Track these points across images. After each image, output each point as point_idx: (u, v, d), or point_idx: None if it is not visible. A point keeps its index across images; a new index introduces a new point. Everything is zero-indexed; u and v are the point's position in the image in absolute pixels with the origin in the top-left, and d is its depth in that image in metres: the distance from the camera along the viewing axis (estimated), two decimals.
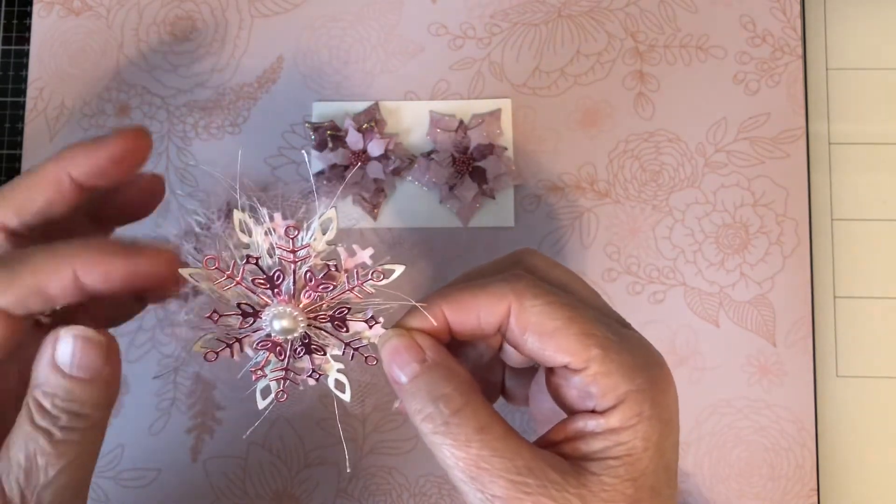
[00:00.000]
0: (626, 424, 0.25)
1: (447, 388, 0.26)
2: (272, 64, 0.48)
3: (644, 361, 0.26)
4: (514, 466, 0.25)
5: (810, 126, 0.47)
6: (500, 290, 0.27)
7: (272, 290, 0.26)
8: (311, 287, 0.26)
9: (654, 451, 0.25)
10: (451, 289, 0.28)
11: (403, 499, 0.44)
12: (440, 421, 0.25)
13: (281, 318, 0.26)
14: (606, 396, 0.25)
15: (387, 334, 0.27)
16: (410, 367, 0.26)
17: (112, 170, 0.29)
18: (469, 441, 0.25)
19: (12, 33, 0.48)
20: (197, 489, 0.44)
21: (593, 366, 0.25)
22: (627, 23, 0.47)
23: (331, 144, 0.46)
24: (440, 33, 0.48)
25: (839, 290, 0.46)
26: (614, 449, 0.25)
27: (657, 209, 0.46)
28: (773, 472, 0.44)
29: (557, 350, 0.26)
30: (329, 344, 0.27)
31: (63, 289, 0.26)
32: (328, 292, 0.26)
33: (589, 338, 0.26)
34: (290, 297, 0.26)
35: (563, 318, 0.26)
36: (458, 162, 0.46)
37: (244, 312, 0.26)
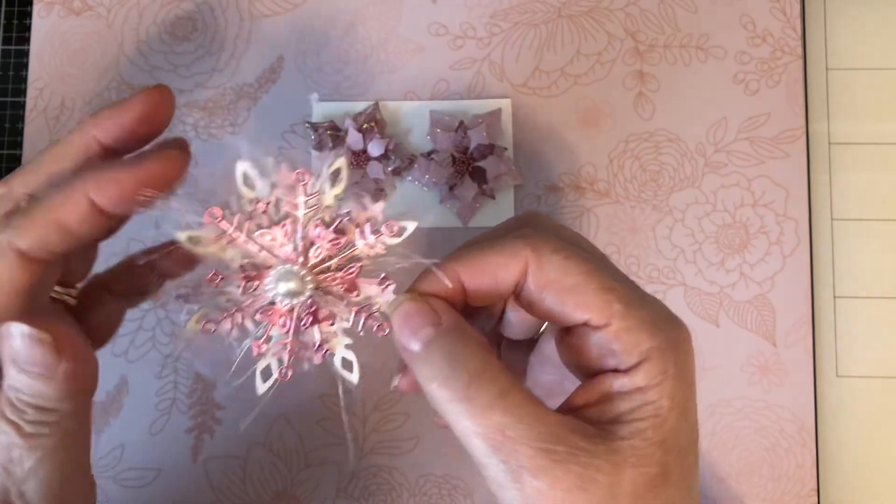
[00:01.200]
0: (651, 382, 0.24)
1: (465, 352, 0.24)
2: (272, 64, 0.48)
3: (664, 318, 0.25)
4: (539, 433, 0.23)
5: (810, 126, 0.47)
6: (517, 247, 0.25)
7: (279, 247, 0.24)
8: (319, 240, 0.24)
9: (679, 410, 0.24)
10: (465, 250, 0.26)
11: (403, 499, 0.44)
12: (458, 386, 0.24)
13: (287, 278, 0.24)
14: (630, 353, 0.24)
15: (398, 299, 0.25)
16: (424, 331, 0.25)
17: (139, 130, 0.28)
18: (490, 406, 0.23)
19: (12, 33, 0.48)
20: (197, 489, 0.44)
21: (615, 321, 0.24)
22: (627, 23, 0.47)
23: (331, 144, 0.46)
24: (440, 33, 0.48)
25: (839, 290, 0.46)
26: (641, 409, 0.24)
27: (657, 209, 0.46)
28: (773, 472, 0.44)
29: (577, 306, 0.25)
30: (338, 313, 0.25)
31: (81, 217, 0.25)
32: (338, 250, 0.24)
33: (609, 292, 0.24)
34: (297, 255, 0.24)
35: (582, 273, 0.25)
36: (458, 162, 0.46)
37: (247, 275, 0.24)
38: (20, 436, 0.25)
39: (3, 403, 0.25)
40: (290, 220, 0.24)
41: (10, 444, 0.25)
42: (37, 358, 0.25)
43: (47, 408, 0.25)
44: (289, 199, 0.24)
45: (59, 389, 0.25)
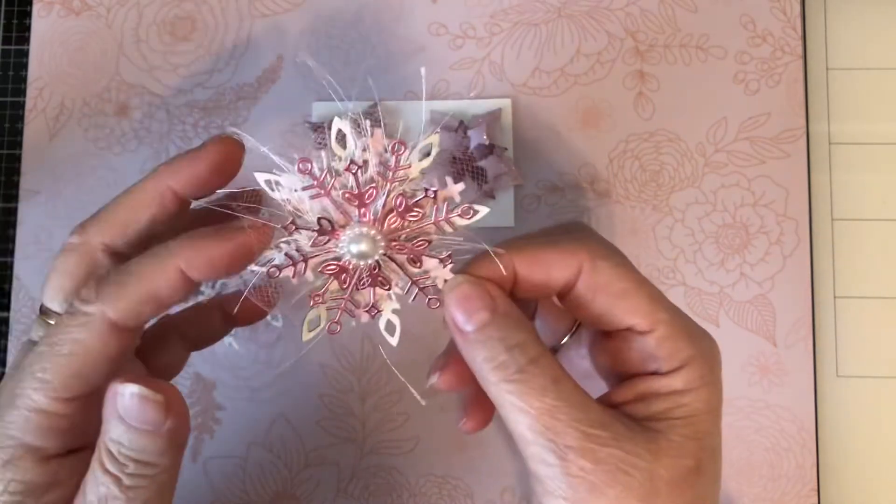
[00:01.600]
0: (689, 387, 0.26)
1: (522, 337, 0.26)
2: (272, 64, 0.48)
3: (700, 331, 0.27)
4: (587, 418, 0.25)
5: (810, 126, 0.47)
6: (574, 248, 0.27)
7: (359, 210, 0.25)
8: (399, 212, 0.25)
9: (713, 414, 0.26)
10: (521, 241, 0.27)
11: (403, 499, 0.44)
12: (514, 369, 0.25)
13: (360, 240, 0.25)
14: (672, 358, 0.26)
15: (455, 279, 0.26)
16: (480, 314, 0.26)
17: (211, 179, 0.29)
18: (545, 391, 0.25)
19: (12, 33, 0.48)
20: (197, 489, 0.44)
21: (661, 328, 0.26)
22: (627, 23, 0.47)
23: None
24: (440, 33, 0.48)
25: (839, 290, 0.46)
26: (677, 410, 0.25)
27: (657, 209, 0.46)
28: (773, 472, 0.44)
29: (626, 311, 0.26)
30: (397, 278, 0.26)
31: (172, 288, 0.26)
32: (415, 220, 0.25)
33: (657, 301, 0.26)
34: (374, 220, 0.25)
35: (634, 281, 0.26)
36: (458, 162, 0.46)
37: (322, 229, 0.25)
38: (119, 488, 0.25)
39: (104, 455, 0.25)
40: (376, 185, 0.25)
41: (108, 495, 0.25)
42: (148, 416, 0.25)
43: (149, 462, 0.26)
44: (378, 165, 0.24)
45: (162, 445, 0.26)
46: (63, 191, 0.47)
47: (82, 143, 0.47)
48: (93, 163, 0.47)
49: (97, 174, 0.47)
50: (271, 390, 0.45)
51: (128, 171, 0.47)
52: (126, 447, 0.25)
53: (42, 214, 0.46)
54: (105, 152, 0.47)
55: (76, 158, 0.47)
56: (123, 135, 0.47)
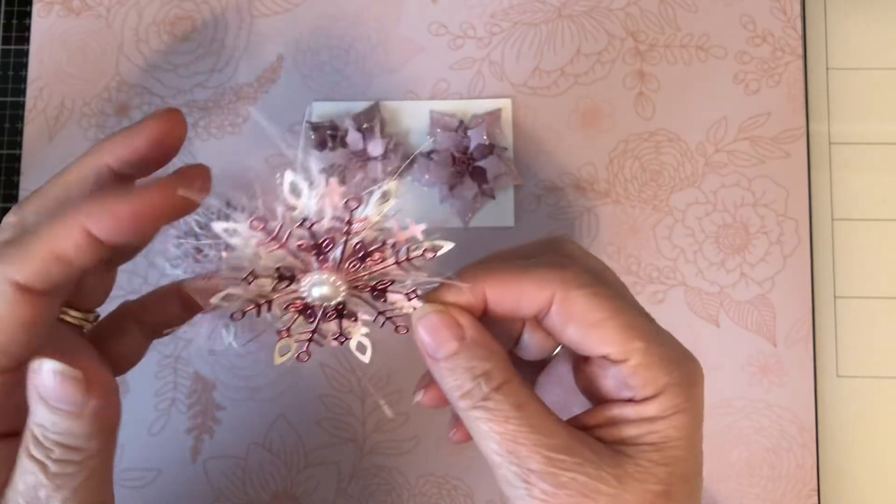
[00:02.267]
0: (662, 414, 0.26)
1: (487, 366, 0.26)
2: (272, 64, 0.48)
3: (680, 356, 0.27)
4: (551, 443, 0.25)
5: (810, 126, 0.47)
6: (546, 277, 0.26)
7: (317, 258, 0.25)
8: (358, 259, 0.25)
9: (686, 441, 0.26)
10: (494, 267, 0.27)
11: (403, 499, 0.44)
12: (479, 397, 0.25)
13: (321, 285, 0.25)
14: (646, 387, 0.26)
15: (423, 308, 0.26)
16: (449, 344, 0.26)
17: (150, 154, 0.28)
18: (508, 417, 0.25)
19: (12, 33, 0.48)
20: (197, 489, 0.44)
21: (635, 357, 0.26)
22: (627, 23, 0.47)
23: (331, 144, 0.46)
24: (440, 33, 0.48)
25: (839, 290, 0.46)
26: (648, 436, 0.26)
27: (657, 209, 0.46)
28: (773, 472, 0.44)
29: (600, 341, 0.26)
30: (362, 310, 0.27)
31: (78, 247, 0.24)
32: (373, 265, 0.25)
33: (631, 331, 0.26)
34: (334, 267, 0.25)
35: (607, 310, 0.26)
36: (458, 162, 0.46)
37: (281, 276, 0.25)
38: (46, 475, 0.24)
39: (29, 442, 0.25)
40: (331, 236, 0.25)
41: (36, 483, 0.24)
42: (66, 395, 0.24)
43: (74, 446, 0.25)
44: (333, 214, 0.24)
45: (87, 427, 0.25)
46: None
47: (82, 143, 0.47)
48: None
49: None
50: (271, 390, 0.45)
51: None
52: (50, 430, 0.24)
53: None
54: None
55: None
56: None
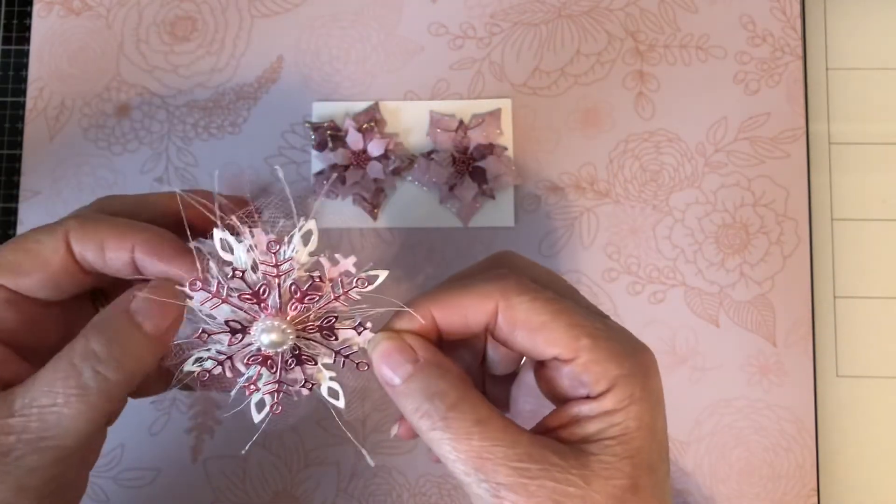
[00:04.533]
0: (618, 406, 0.26)
1: (442, 385, 0.26)
2: (272, 64, 0.48)
3: (630, 348, 0.27)
4: (514, 454, 0.25)
5: (810, 126, 0.47)
6: (487, 289, 0.27)
7: (259, 305, 0.26)
8: (296, 300, 0.26)
9: (646, 430, 0.26)
10: (438, 290, 0.28)
11: (403, 499, 0.44)
12: (438, 417, 0.26)
13: (269, 331, 0.26)
14: (599, 382, 0.26)
15: (376, 338, 0.27)
16: (403, 368, 0.27)
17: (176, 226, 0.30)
18: (469, 434, 0.25)
19: (12, 33, 0.48)
20: (197, 489, 0.44)
21: (583, 354, 0.26)
22: (627, 23, 0.47)
23: (331, 144, 0.46)
24: (440, 33, 0.48)
25: (839, 290, 0.46)
26: (609, 430, 0.26)
27: (657, 209, 0.46)
28: (773, 472, 0.44)
29: (547, 343, 0.27)
30: (319, 353, 0.28)
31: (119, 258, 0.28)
32: (314, 303, 0.26)
33: (577, 328, 0.26)
34: (276, 311, 0.26)
35: (550, 313, 0.27)
36: (458, 162, 0.46)
37: (232, 329, 0.26)
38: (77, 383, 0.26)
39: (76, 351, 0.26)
40: (266, 282, 0.26)
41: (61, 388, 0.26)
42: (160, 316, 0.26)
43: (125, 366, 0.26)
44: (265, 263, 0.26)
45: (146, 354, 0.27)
46: (63, 191, 0.47)
47: (82, 143, 0.47)
48: (93, 163, 0.47)
49: (97, 174, 0.47)
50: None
51: (128, 171, 0.47)
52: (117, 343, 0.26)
53: (42, 214, 0.46)
54: (105, 152, 0.47)
55: (76, 158, 0.47)
56: (123, 135, 0.47)
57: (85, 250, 0.28)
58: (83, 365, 0.26)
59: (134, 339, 0.26)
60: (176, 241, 0.28)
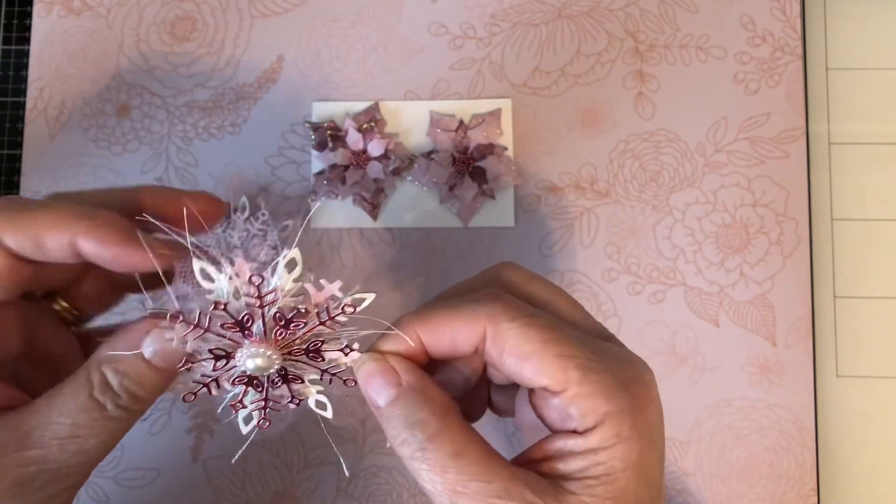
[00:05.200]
0: (604, 445, 0.25)
1: (422, 414, 0.26)
2: (272, 64, 0.48)
3: (624, 379, 0.26)
4: (491, 489, 0.24)
5: (810, 126, 0.47)
6: (475, 313, 0.26)
7: (243, 333, 0.26)
8: (281, 327, 0.26)
9: (633, 470, 0.25)
10: (426, 310, 0.27)
11: (403, 499, 0.44)
12: (416, 447, 0.25)
13: (255, 357, 0.26)
14: (586, 418, 0.25)
15: (361, 358, 0.27)
16: (386, 391, 0.26)
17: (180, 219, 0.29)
18: (445, 467, 0.25)
19: (12, 33, 0.48)
20: (197, 489, 0.44)
21: (572, 388, 0.25)
22: (627, 23, 0.47)
23: (331, 144, 0.46)
24: (440, 33, 0.48)
25: (839, 290, 0.46)
26: (593, 469, 0.25)
27: (657, 209, 0.46)
28: (773, 472, 0.44)
29: (535, 372, 0.26)
30: (306, 371, 0.27)
31: (59, 246, 0.26)
32: (299, 330, 0.26)
33: (567, 360, 0.25)
34: (261, 338, 0.26)
35: (539, 341, 0.26)
36: (458, 162, 0.46)
37: (216, 356, 0.26)
38: (101, 417, 0.26)
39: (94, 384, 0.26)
40: (250, 311, 0.26)
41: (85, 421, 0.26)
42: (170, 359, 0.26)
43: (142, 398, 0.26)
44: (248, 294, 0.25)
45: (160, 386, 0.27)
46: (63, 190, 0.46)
47: (82, 143, 0.47)
48: (93, 163, 0.47)
49: (97, 174, 0.47)
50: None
51: (128, 171, 0.47)
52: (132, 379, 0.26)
53: None
54: (105, 152, 0.47)
55: (76, 158, 0.47)
56: (123, 135, 0.47)
57: (19, 244, 0.26)
58: (105, 400, 0.26)
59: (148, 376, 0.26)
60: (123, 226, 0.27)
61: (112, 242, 0.26)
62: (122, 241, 0.27)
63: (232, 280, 0.25)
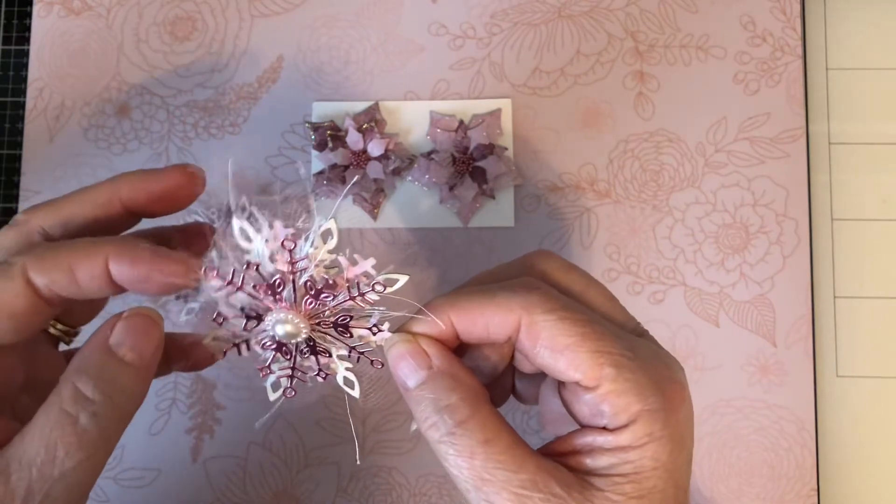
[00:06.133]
0: (635, 444, 0.25)
1: (453, 398, 0.26)
2: (272, 64, 0.48)
3: (658, 378, 0.26)
4: (517, 479, 0.24)
5: (810, 126, 0.47)
6: (510, 303, 0.26)
7: (274, 297, 0.26)
8: (311, 296, 0.26)
9: (662, 470, 0.25)
10: (461, 295, 0.27)
11: (403, 499, 0.44)
12: (445, 431, 0.25)
13: (284, 323, 0.26)
14: (618, 416, 0.25)
15: (392, 338, 0.27)
16: (417, 374, 0.26)
17: (162, 201, 0.29)
18: (473, 453, 0.25)
19: (12, 33, 0.48)
20: (197, 489, 0.44)
21: (605, 384, 0.25)
22: (627, 23, 0.47)
23: (331, 144, 0.46)
24: (440, 33, 0.48)
25: (839, 290, 0.46)
26: (621, 466, 0.25)
27: (657, 209, 0.46)
28: (773, 472, 0.44)
29: (569, 367, 0.25)
30: (334, 345, 0.27)
31: (92, 277, 0.25)
32: (329, 302, 0.26)
33: (602, 356, 0.25)
34: (291, 304, 0.26)
35: (575, 335, 0.25)
36: (458, 162, 0.46)
37: (248, 316, 0.26)
38: (75, 431, 0.24)
39: (64, 396, 0.25)
40: (281, 276, 0.26)
41: (58, 439, 0.24)
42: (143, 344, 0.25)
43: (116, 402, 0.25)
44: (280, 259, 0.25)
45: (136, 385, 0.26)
46: (63, 191, 0.46)
47: (82, 143, 0.47)
48: (93, 163, 0.47)
49: (97, 174, 0.47)
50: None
51: None
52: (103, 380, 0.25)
53: None
54: (105, 152, 0.47)
55: (76, 158, 0.47)
56: (123, 135, 0.47)
57: (52, 281, 0.25)
58: (77, 411, 0.24)
59: (121, 374, 0.25)
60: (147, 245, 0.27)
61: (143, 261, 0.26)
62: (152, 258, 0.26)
63: (269, 243, 0.25)
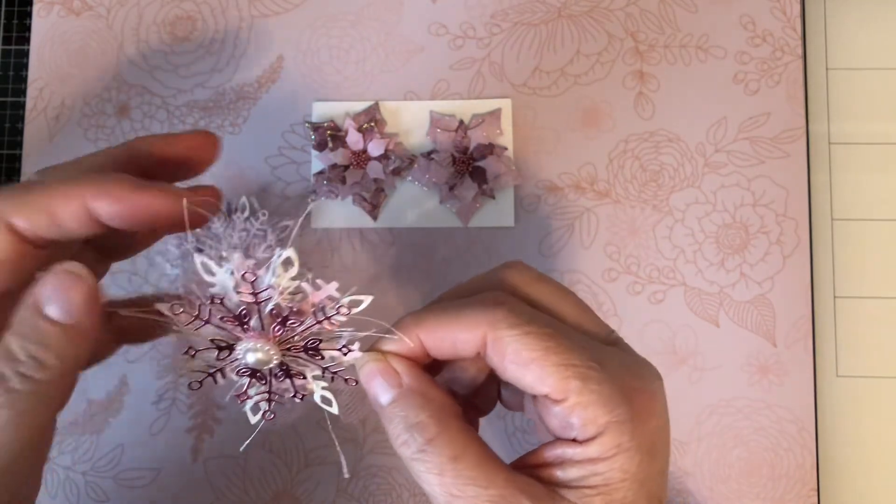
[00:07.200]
0: (604, 455, 0.25)
1: (422, 416, 0.26)
2: (272, 64, 0.48)
3: (627, 388, 0.26)
4: (487, 494, 0.25)
5: (810, 126, 0.47)
6: (476, 319, 0.26)
7: (241, 327, 0.26)
8: (278, 324, 0.26)
9: (632, 481, 0.25)
10: (429, 312, 0.27)
11: (403, 499, 0.44)
12: (415, 448, 0.26)
13: (254, 351, 0.26)
14: (586, 427, 0.25)
15: (363, 358, 0.27)
16: (387, 392, 0.27)
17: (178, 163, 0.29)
18: (443, 470, 0.25)
19: (12, 33, 0.48)
20: (197, 489, 0.44)
21: (572, 397, 0.25)
22: (627, 23, 0.47)
23: (331, 144, 0.46)
24: (440, 33, 0.48)
25: (839, 290, 0.46)
26: (591, 478, 0.25)
27: (657, 209, 0.46)
28: (773, 472, 0.44)
29: (536, 381, 0.26)
30: (308, 367, 0.28)
31: (73, 216, 0.25)
32: (297, 327, 0.26)
33: (567, 369, 0.25)
34: (259, 333, 0.26)
35: (540, 349, 0.25)
36: (458, 162, 0.46)
37: (218, 346, 0.26)
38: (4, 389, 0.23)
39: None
40: (247, 307, 0.26)
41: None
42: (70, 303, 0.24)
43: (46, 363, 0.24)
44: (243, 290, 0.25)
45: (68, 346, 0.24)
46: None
47: (82, 143, 0.47)
48: None
49: None
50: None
51: None
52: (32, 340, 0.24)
53: None
54: None
55: None
56: (123, 135, 0.47)
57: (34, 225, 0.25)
58: (6, 370, 0.23)
59: (48, 333, 0.24)
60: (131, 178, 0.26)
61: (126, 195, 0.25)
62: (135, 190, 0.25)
63: (233, 275, 0.25)
